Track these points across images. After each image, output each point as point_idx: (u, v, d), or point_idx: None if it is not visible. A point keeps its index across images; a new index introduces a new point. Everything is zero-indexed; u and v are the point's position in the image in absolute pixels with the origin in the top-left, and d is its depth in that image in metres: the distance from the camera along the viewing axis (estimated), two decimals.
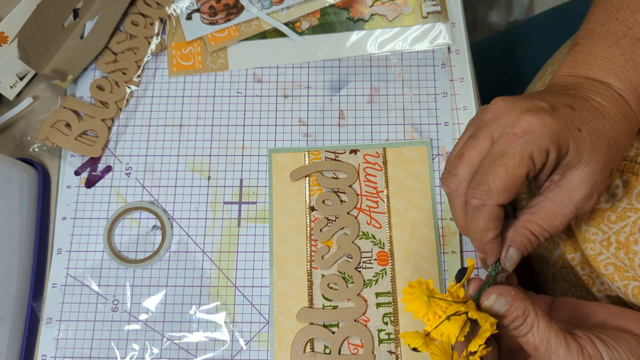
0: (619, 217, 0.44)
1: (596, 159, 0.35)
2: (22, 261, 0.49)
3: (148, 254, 0.51)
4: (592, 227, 0.45)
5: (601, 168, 0.35)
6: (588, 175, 0.35)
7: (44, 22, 0.52)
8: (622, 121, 0.36)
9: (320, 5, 0.57)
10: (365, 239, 0.50)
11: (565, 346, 0.33)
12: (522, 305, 0.34)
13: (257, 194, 0.52)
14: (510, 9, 1.17)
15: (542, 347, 0.33)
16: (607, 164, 0.35)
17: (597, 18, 0.42)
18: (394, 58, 0.56)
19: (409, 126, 0.54)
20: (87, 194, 0.53)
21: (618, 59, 0.39)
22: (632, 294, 0.43)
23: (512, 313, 0.33)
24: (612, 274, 0.44)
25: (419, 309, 0.34)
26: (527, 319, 0.33)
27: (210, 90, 0.56)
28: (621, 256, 0.43)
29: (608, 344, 0.34)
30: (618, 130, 0.36)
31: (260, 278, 0.50)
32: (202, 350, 0.48)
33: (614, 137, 0.36)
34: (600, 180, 0.35)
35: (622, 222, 0.44)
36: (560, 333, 0.34)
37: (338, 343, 0.47)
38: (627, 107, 0.38)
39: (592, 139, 0.35)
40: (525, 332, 0.34)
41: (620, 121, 0.36)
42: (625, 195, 0.43)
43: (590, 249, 0.46)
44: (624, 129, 0.36)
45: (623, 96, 0.38)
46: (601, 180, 0.35)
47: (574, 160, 0.35)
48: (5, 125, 0.56)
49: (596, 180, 0.35)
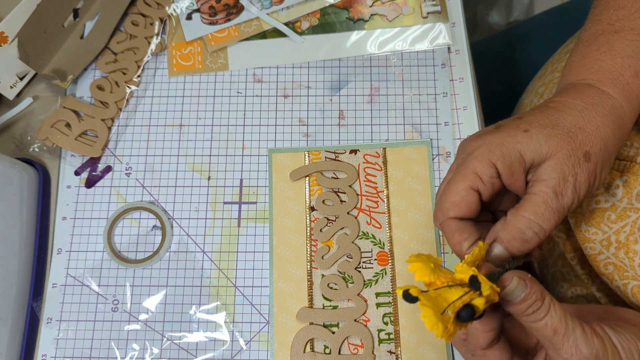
0: (619, 216, 0.44)
1: (556, 147, 0.36)
2: (22, 261, 0.49)
3: (148, 254, 0.51)
4: (592, 226, 0.45)
5: (567, 153, 0.36)
6: (554, 162, 0.36)
7: (44, 22, 0.52)
8: (586, 107, 0.38)
9: (320, 5, 0.57)
10: (365, 239, 0.50)
11: (580, 328, 0.33)
12: (539, 288, 0.34)
13: (257, 194, 0.52)
14: (510, 9, 1.17)
15: (562, 328, 0.33)
16: (574, 148, 0.36)
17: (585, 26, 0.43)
18: (394, 58, 0.56)
19: (409, 126, 0.54)
20: (87, 194, 0.53)
21: (593, 53, 0.41)
22: (632, 293, 0.43)
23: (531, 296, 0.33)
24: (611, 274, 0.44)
25: (423, 271, 0.33)
26: (544, 301, 0.34)
27: (210, 90, 0.56)
28: (621, 256, 0.43)
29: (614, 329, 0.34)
30: (582, 116, 0.37)
31: (260, 278, 0.50)
32: (202, 350, 0.48)
33: (575, 124, 0.37)
34: (572, 164, 0.36)
35: (622, 222, 0.44)
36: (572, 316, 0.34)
37: (338, 343, 0.47)
38: (598, 93, 0.38)
39: (545, 132, 0.36)
40: (543, 315, 0.33)
41: (583, 107, 0.38)
42: (625, 195, 0.43)
43: (590, 249, 0.46)
44: (593, 113, 0.37)
45: (593, 85, 0.39)
46: (572, 164, 0.36)
47: (535, 157, 0.36)
48: (5, 125, 0.56)
49: (565, 165, 0.36)
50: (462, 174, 0.37)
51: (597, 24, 0.42)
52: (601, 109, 0.38)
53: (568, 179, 0.36)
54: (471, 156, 0.37)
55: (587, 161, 0.36)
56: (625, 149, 0.44)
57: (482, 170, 0.37)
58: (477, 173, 0.37)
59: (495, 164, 0.37)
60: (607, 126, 0.37)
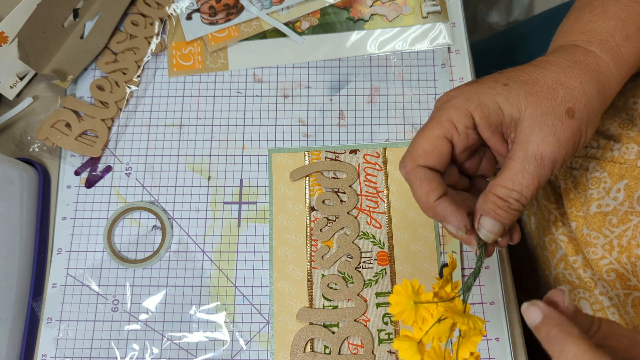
0: (621, 220, 0.43)
1: (536, 102, 0.35)
2: (22, 261, 0.49)
3: (148, 254, 0.51)
4: (594, 230, 0.45)
5: (545, 110, 0.35)
6: (533, 119, 0.34)
7: (44, 22, 0.52)
8: (570, 64, 0.36)
9: (320, 5, 0.57)
10: (365, 239, 0.50)
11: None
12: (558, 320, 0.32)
13: (257, 194, 0.52)
14: (510, 9, 1.17)
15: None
16: (554, 105, 0.35)
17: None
18: (394, 58, 0.56)
19: (409, 126, 0.54)
20: (87, 194, 0.53)
21: (586, 16, 0.40)
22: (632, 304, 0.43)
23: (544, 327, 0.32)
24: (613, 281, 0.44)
25: (407, 317, 0.34)
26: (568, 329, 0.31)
27: (210, 90, 0.56)
28: (623, 260, 0.43)
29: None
30: (564, 73, 0.36)
31: (260, 278, 0.50)
32: (202, 350, 0.48)
33: (556, 80, 0.36)
34: (552, 122, 0.34)
35: (623, 226, 0.43)
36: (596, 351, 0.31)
37: (338, 343, 0.47)
38: (584, 52, 0.38)
39: (525, 88, 0.35)
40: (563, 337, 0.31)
41: (566, 64, 0.36)
42: (626, 198, 0.43)
43: (592, 253, 0.45)
44: (577, 70, 0.36)
45: (580, 45, 0.38)
46: (552, 122, 0.34)
47: (514, 112, 0.35)
48: (5, 125, 0.56)
49: (544, 122, 0.34)
50: (436, 120, 0.36)
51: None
52: (585, 66, 0.37)
53: (549, 138, 0.34)
54: (447, 104, 0.36)
55: (571, 118, 0.35)
56: (626, 152, 0.44)
57: (457, 119, 0.35)
58: (452, 121, 0.35)
59: (472, 113, 0.35)
60: (591, 84, 0.36)
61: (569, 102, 0.35)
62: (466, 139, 0.36)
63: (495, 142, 0.36)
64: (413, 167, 0.36)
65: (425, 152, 0.35)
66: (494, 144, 0.37)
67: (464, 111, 0.35)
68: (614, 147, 0.45)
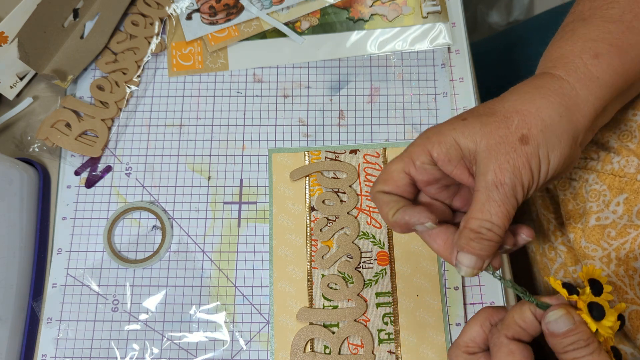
0: (619, 233, 0.43)
1: (490, 133, 0.36)
2: (22, 261, 0.49)
3: (148, 254, 0.51)
4: (592, 243, 0.45)
5: (499, 139, 0.35)
6: (488, 149, 0.35)
7: (44, 22, 0.52)
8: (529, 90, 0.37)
9: (320, 5, 0.57)
10: (365, 239, 0.50)
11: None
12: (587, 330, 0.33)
13: (257, 194, 0.52)
14: (510, 9, 1.17)
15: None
16: (507, 133, 0.36)
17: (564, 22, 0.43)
18: (394, 58, 0.56)
19: (409, 126, 0.54)
20: (87, 194, 0.53)
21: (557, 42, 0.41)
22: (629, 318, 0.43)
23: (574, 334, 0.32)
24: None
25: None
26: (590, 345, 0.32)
27: (210, 90, 0.56)
28: (621, 273, 0.43)
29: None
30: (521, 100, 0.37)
31: (260, 278, 0.50)
32: (202, 350, 0.48)
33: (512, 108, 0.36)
34: (505, 150, 0.35)
35: (622, 239, 0.43)
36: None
37: (338, 343, 0.47)
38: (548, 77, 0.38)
39: (481, 120, 0.36)
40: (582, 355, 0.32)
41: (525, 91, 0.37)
42: (625, 212, 0.43)
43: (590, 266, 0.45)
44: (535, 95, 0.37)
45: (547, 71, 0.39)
46: (505, 150, 0.35)
47: (470, 144, 0.36)
48: (5, 125, 0.56)
49: (498, 151, 0.35)
50: (399, 157, 0.39)
51: (570, 16, 0.42)
52: (545, 91, 0.37)
53: (504, 165, 0.35)
54: (411, 143, 0.39)
55: (524, 144, 0.35)
56: (626, 166, 0.44)
57: (416, 156, 0.37)
58: (411, 158, 0.38)
59: (430, 151, 0.37)
60: (551, 107, 0.36)
61: (523, 129, 0.36)
62: (425, 173, 0.38)
63: (461, 176, 0.38)
64: (373, 192, 0.39)
65: (382, 180, 0.39)
66: (462, 178, 0.38)
67: (423, 149, 0.37)
68: (613, 159, 0.45)
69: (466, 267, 0.36)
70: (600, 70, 0.38)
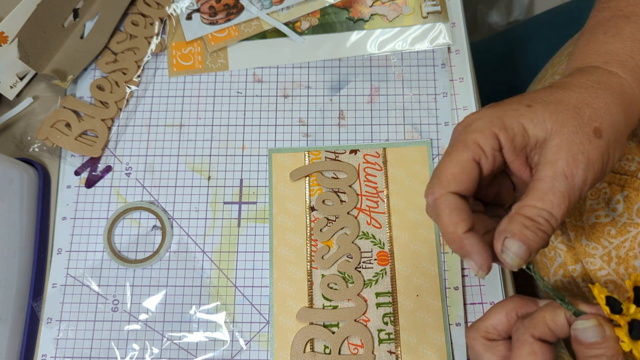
0: (619, 231, 0.43)
1: (562, 122, 0.33)
2: (22, 261, 0.49)
3: (148, 254, 0.51)
4: (592, 241, 0.45)
5: (573, 128, 0.33)
6: (560, 138, 0.33)
7: (44, 22, 0.52)
8: (593, 85, 0.36)
9: (320, 5, 0.57)
10: (365, 239, 0.50)
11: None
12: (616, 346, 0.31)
13: (257, 194, 0.52)
14: (510, 9, 1.17)
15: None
16: (581, 124, 0.34)
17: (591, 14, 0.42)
18: (394, 58, 0.56)
19: (409, 126, 0.54)
20: (87, 194, 0.53)
21: (600, 37, 0.39)
22: None
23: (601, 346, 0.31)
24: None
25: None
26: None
27: (210, 90, 0.56)
28: (621, 272, 0.43)
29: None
30: (588, 93, 0.35)
31: (260, 278, 0.50)
32: (202, 350, 0.48)
33: (582, 101, 0.34)
34: (580, 141, 0.33)
35: (622, 237, 0.43)
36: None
37: (338, 343, 0.47)
38: (605, 73, 0.37)
39: (550, 108, 0.34)
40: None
41: (589, 85, 0.36)
42: (626, 210, 0.43)
43: (591, 264, 0.45)
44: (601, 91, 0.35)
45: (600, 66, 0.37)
46: (580, 141, 0.33)
47: (539, 133, 0.34)
48: (5, 125, 0.56)
49: (572, 141, 0.33)
50: (462, 144, 0.34)
51: (604, 11, 0.41)
52: (609, 87, 0.35)
53: (578, 157, 0.33)
54: (470, 127, 0.34)
55: (598, 137, 0.33)
56: (627, 164, 0.44)
57: (484, 142, 0.33)
58: (479, 144, 0.33)
59: (497, 134, 0.33)
60: (617, 104, 0.35)
61: (595, 121, 0.34)
62: (493, 162, 0.34)
63: (518, 166, 0.35)
64: (443, 193, 0.33)
65: (455, 176, 0.33)
66: (517, 168, 0.35)
67: (490, 132, 0.34)
68: None
69: (513, 255, 0.33)
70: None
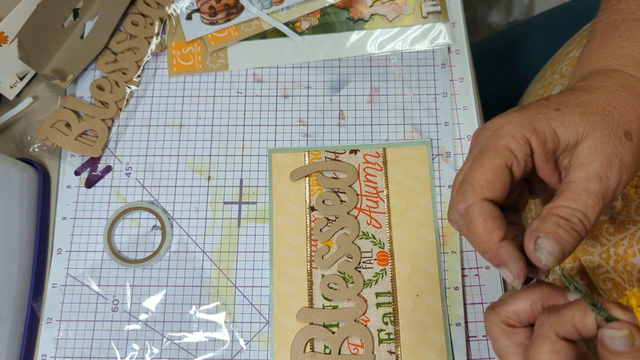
0: (617, 229, 0.43)
1: (594, 124, 0.33)
2: (22, 261, 0.49)
3: (148, 254, 0.51)
4: (591, 239, 0.45)
5: (605, 131, 0.33)
6: (593, 141, 0.33)
7: (44, 22, 0.52)
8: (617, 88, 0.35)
9: (320, 5, 0.57)
10: (365, 239, 0.50)
11: None
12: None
13: (257, 194, 0.52)
14: (510, 9, 1.17)
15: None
16: (612, 126, 0.33)
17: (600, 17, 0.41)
18: (394, 58, 0.56)
19: (409, 126, 0.54)
20: (87, 194, 0.53)
21: (615, 40, 0.38)
22: None
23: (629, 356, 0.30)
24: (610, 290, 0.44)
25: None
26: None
27: (210, 90, 0.56)
28: (620, 269, 0.43)
29: None
30: (614, 96, 0.35)
31: (260, 278, 0.50)
32: (202, 350, 0.48)
33: (609, 104, 0.34)
34: (613, 144, 0.33)
35: (620, 235, 0.43)
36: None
37: (338, 343, 0.47)
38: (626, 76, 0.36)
39: (579, 111, 0.34)
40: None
41: (613, 88, 0.35)
42: (624, 207, 0.43)
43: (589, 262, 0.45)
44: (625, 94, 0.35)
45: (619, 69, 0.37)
46: (613, 143, 0.33)
47: (570, 137, 0.33)
48: (5, 125, 0.56)
49: (606, 143, 0.33)
50: (493, 149, 0.32)
51: (615, 13, 0.40)
52: (632, 90, 0.35)
53: (612, 159, 0.32)
54: (500, 132, 0.33)
55: (629, 140, 0.33)
56: None
57: (516, 147, 0.32)
58: (510, 149, 0.32)
59: (529, 139, 0.32)
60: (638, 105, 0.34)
61: (625, 124, 0.33)
62: (524, 167, 0.33)
63: (548, 171, 0.34)
64: (476, 200, 0.32)
65: (488, 183, 0.32)
66: (546, 173, 0.35)
67: (521, 138, 0.33)
68: None
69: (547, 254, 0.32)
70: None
